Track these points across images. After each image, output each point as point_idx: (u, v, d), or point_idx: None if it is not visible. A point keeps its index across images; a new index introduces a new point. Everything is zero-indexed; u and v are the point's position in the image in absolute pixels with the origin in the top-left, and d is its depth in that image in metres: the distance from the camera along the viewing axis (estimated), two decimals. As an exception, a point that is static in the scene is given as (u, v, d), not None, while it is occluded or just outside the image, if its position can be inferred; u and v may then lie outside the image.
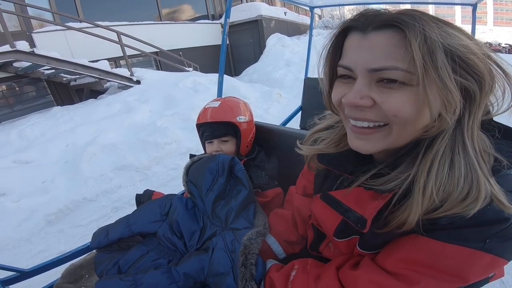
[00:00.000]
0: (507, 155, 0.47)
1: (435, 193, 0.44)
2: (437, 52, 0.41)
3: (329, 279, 0.60)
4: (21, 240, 2.24)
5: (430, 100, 0.43)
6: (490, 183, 0.43)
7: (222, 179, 0.94)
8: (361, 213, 0.56)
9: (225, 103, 1.17)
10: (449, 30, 0.43)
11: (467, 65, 0.43)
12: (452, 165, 0.45)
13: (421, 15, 0.44)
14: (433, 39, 0.41)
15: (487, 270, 0.47)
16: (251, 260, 0.73)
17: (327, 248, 0.75)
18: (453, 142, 0.46)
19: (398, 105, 0.45)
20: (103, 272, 0.88)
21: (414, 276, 0.49)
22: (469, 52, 0.42)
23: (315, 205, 0.72)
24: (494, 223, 0.43)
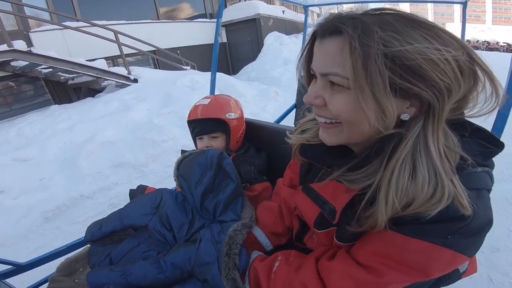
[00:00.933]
0: (473, 153, 0.48)
1: (396, 202, 0.46)
2: (370, 60, 0.42)
3: (308, 269, 0.62)
4: (19, 236, 2.27)
5: (363, 107, 0.45)
6: (454, 184, 0.45)
7: (211, 173, 0.97)
8: (334, 205, 0.59)
9: (215, 100, 1.20)
10: (402, 34, 0.43)
11: (413, 72, 0.43)
12: (414, 172, 0.46)
13: (371, 17, 0.45)
14: (368, 46, 0.42)
15: (448, 266, 0.49)
16: (234, 250, 0.75)
17: (311, 239, 0.78)
18: (415, 147, 0.47)
19: (339, 106, 0.49)
20: (96, 264, 0.91)
21: (382, 268, 0.51)
22: (417, 57, 0.42)
23: (298, 196, 0.75)
24: (455, 220, 0.45)
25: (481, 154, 0.49)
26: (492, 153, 0.50)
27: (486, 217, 0.47)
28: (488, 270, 1.57)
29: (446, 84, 0.43)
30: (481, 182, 0.49)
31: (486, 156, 0.50)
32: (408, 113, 0.48)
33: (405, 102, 0.47)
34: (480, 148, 0.50)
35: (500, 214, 2.00)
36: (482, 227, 0.47)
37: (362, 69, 0.43)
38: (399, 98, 0.46)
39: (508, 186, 2.35)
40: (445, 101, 0.45)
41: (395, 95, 0.45)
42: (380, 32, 0.43)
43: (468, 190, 0.45)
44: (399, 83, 0.43)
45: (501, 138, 0.74)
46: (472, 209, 0.44)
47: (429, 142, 0.46)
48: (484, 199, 0.48)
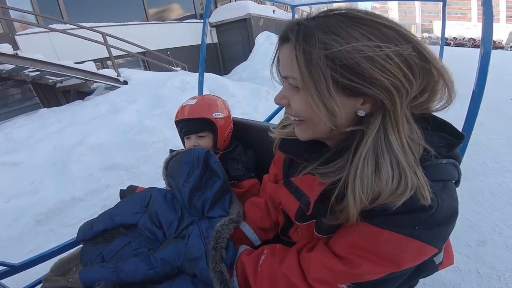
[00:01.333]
0: (436, 145, 0.50)
1: (363, 197, 0.47)
2: (312, 64, 0.46)
3: (290, 261, 0.64)
4: (12, 239, 2.25)
5: (313, 106, 0.49)
6: (417, 175, 0.46)
7: (198, 171, 0.99)
8: (309, 197, 0.61)
9: (202, 100, 1.23)
10: (342, 36, 0.45)
11: (352, 70, 0.45)
12: (377, 168, 0.48)
13: (311, 23, 0.48)
14: (310, 51, 0.46)
15: (417, 257, 0.51)
16: (221, 244, 0.77)
17: (296, 232, 0.80)
18: (376, 143, 0.49)
19: (297, 106, 0.54)
20: (88, 262, 0.93)
21: (356, 260, 0.52)
22: (356, 56, 0.44)
23: (280, 191, 0.77)
24: (421, 211, 0.47)
25: (445, 146, 0.51)
26: (455, 144, 0.52)
27: (451, 207, 0.49)
28: (475, 263, 1.60)
29: (390, 81, 0.45)
30: (446, 173, 0.51)
31: (450, 148, 0.52)
32: (363, 109, 0.50)
33: (357, 100, 0.49)
34: (443, 140, 0.52)
35: (485, 207, 2.05)
36: (447, 218, 0.49)
37: (307, 73, 0.47)
38: (349, 97, 0.49)
39: (493, 179, 2.40)
40: (394, 97, 0.46)
41: (344, 94, 0.48)
42: (321, 35, 0.46)
43: (433, 181, 0.47)
44: (342, 82, 0.46)
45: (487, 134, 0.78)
46: (435, 199, 0.46)
47: (390, 137, 0.48)
48: (449, 190, 0.50)
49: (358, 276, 0.52)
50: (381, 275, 0.52)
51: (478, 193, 2.23)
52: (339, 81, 0.46)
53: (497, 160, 2.71)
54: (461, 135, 0.53)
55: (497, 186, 2.30)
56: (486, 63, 0.81)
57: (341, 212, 0.53)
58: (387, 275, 0.52)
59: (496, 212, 2.00)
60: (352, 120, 0.52)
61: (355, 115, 0.52)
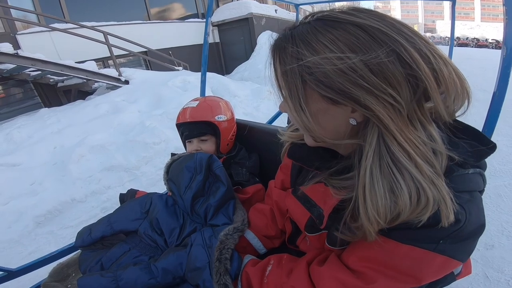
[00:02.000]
0: (463, 154, 0.46)
1: (380, 219, 0.44)
2: (287, 75, 0.46)
3: (299, 273, 0.61)
4: (11, 241, 2.24)
5: (297, 119, 0.49)
6: (437, 188, 0.42)
7: (200, 177, 0.96)
8: (322, 209, 0.58)
9: (204, 102, 1.19)
10: (310, 46, 0.43)
11: (329, 82, 0.42)
12: (391, 187, 0.43)
13: (288, 34, 0.47)
14: (284, 63, 0.46)
15: (441, 271, 0.48)
16: (225, 255, 0.75)
17: (304, 241, 0.77)
18: (381, 158, 0.44)
19: (290, 115, 0.52)
20: (87, 270, 0.90)
21: (372, 274, 0.50)
22: (326, 64, 0.42)
23: (288, 199, 0.74)
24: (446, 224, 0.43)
25: (472, 155, 0.47)
26: (485, 154, 0.48)
27: (478, 221, 0.45)
28: (483, 267, 1.57)
29: (362, 93, 0.41)
30: (472, 184, 0.46)
31: (478, 157, 0.47)
32: (354, 118, 0.46)
33: (345, 108, 0.46)
34: (471, 148, 0.47)
35: (493, 210, 2.02)
36: (474, 232, 0.45)
37: (283, 84, 0.48)
38: (335, 105, 0.45)
39: (500, 181, 2.36)
40: (373, 109, 0.42)
41: (329, 102, 0.45)
42: (294, 46, 0.45)
43: (460, 192, 0.44)
44: (322, 93, 0.44)
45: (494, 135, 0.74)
46: (463, 213, 0.43)
47: (393, 149, 0.43)
48: (476, 202, 0.46)
49: None
50: None
51: (485, 195, 2.15)
52: (317, 91, 0.45)
53: (504, 162, 2.67)
54: (492, 143, 0.48)
55: (504, 189, 2.26)
56: (509, 64, 0.77)
57: (358, 230, 0.49)
58: None
59: (504, 215, 1.97)
60: (348, 130, 0.49)
61: (349, 125, 0.48)
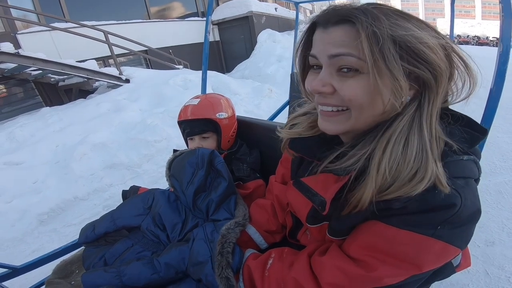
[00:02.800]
0: (458, 140, 0.49)
1: (387, 170, 0.46)
2: (384, 44, 0.45)
3: (301, 265, 0.61)
4: (15, 240, 2.26)
5: (379, 87, 0.47)
6: (437, 166, 0.45)
7: (202, 172, 0.97)
8: (324, 197, 0.58)
9: (205, 100, 1.19)
10: (401, 23, 0.46)
11: (417, 55, 0.46)
12: (406, 144, 0.48)
13: (373, 9, 0.47)
14: (381, 32, 0.45)
15: (440, 258, 0.48)
16: (227, 249, 0.75)
17: (304, 235, 0.78)
18: (411, 124, 0.49)
19: (352, 91, 0.49)
20: (90, 266, 0.91)
21: (373, 262, 0.50)
22: (419, 42, 0.45)
23: (289, 191, 0.74)
24: (443, 209, 0.44)
25: (466, 140, 0.50)
26: (478, 139, 0.51)
27: (474, 206, 0.46)
28: (484, 264, 1.57)
29: (440, 67, 0.47)
30: (467, 170, 0.49)
31: (472, 143, 0.50)
32: (409, 95, 0.50)
33: (407, 85, 0.48)
34: (465, 134, 0.50)
35: (493, 207, 2.02)
36: (471, 217, 0.46)
37: (379, 53, 0.45)
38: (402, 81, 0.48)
39: (501, 178, 2.37)
40: (440, 83, 0.48)
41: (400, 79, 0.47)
42: (386, 20, 0.46)
43: (455, 178, 0.46)
44: (405, 66, 0.46)
45: (493, 131, 0.76)
46: (458, 197, 0.44)
47: (423, 122, 0.48)
48: (471, 188, 0.48)
49: (375, 280, 0.50)
50: (401, 278, 0.50)
51: (485, 192, 2.20)
52: (403, 64, 0.46)
53: (504, 159, 2.67)
54: (483, 129, 0.51)
55: (505, 185, 2.26)
56: (505, 61, 0.78)
57: (353, 197, 0.50)
58: (408, 279, 0.50)
59: (505, 211, 1.97)
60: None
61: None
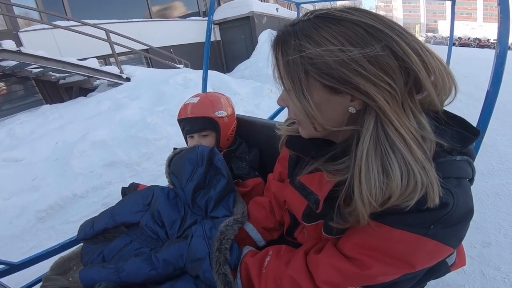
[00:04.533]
0: (450, 140, 0.49)
1: (372, 200, 0.46)
2: (290, 66, 0.49)
3: (297, 262, 0.62)
4: (13, 237, 2.26)
5: (303, 107, 0.51)
6: (427, 173, 0.44)
7: (201, 169, 0.97)
8: (318, 195, 0.59)
9: (205, 98, 1.20)
10: (313, 39, 0.46)
11: (332, 72, 0.45)
12: (385, 168, 0.46)
13: (289, 29, 0.50)
14: (287, 54, 0.49)
15: (433, 257, 0.49)
16: (225, 245, 0.75)
17: (301, 233, 0.78)
18: (377, 141, 0.47)
19: (292, 109, 0.57)
20: (88, 262, 0.91)
21: (367, 260, 0.50)
22: (329, 60, 0.45)
23: (286, 190, 0.75)
24: (435, 208, 0.45)
25: (458, 141, 0.50)
26: (470, 140, 0.51)
27: (466, 206, 0.47)
28: (480, 265, 1.59)
29: (362, 82, 0.45)
30: (460, 170, 0.49)
31: (464, 143, 0.50)
32: (353, 106, 0.49)
33: (344, 97, 0.49)
34: (457, 135, 0.50)
35: (490, 209, 2.04)
36: (463, 216, 0.47)
37: (285, 75, 0.50)
38: (335, 94, 0.49)
39: (498, 180, 2.38)
40: (374, 97, 0.45)
41: (330, 92, 0.49)
42: (296, 40, 0.48)
43: (447, 178, 0.46)
44: (322, 82, 0.47)
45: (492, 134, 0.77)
46: (451, 197, 0.45)
47: (390, 133, 0.46)
48: (464, 188, 0.48)
49: (369, 278, 0.51)
50: (395, 277, 0.50)
51: (483, 194, 2.22)
52: (319, 81, 0.48)
53: (502, 161, 2.68)
54: (477, 130, 0.51)
55: (502, 187, 2.28)
56: (502, 63, 0.79)
57: (350, 215, 0.51)
58: (401, 277, 0.50)
59: (501, 213, 1.98)
60: (346, 118, 0.52)
61: (348, 113, 0.51)
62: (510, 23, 0.80)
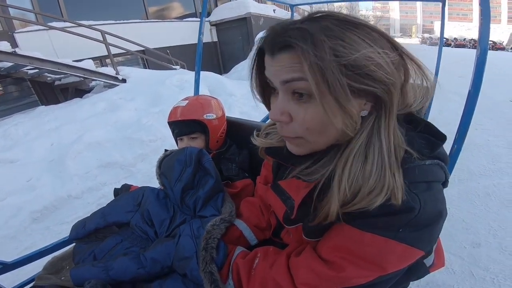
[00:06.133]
0: (418, 147, 0.50)
1: (347, 187, 0.47)
2: (328, 71, 0.43)
3: (280, 265, 0.63)
4: (7, 237, 2.26)
5: (329, 115, 0.46)
6: (395, 178, 0.46)
7: (190, 169, 0.99)
8: (294, 200, 0.61)
9: (195, 101, 1.22)
10: (347, 39, 0.44)
11: (365, 74, 0.45)
12: (365, 160, 0.48)
13: (311, 27, 0.45)
14: (323, 60, 0.43)
15: (403, 260, 0.49)
16: (211, 244, 0.77)
17: (287, 234, 0.79)
18: (370, 139, 0.49)
19: (308, 118, 0.50)
20: (80, 261, 0.93)
21: (341, 263, 0.51)
22: (366, 62, 0.44)
23: (268, 194, 0.76)
24: (402, 212, 0.46)
25: (426, 146, 0.51)
26: (436, 145, 0.52)
27: (434, 209, 0.48)
28: (470, 265, 1.61)
29: (390, 82, 0.46)
30: (430, 174, 0.50)
31: (432, 149, 0.51)
32: (365, 110, 0.50)
33: (362, 100, 0.49)
34: (424, 141, 0.52)
35: (481, 209, 2.06)
36: (431, 220, 0.48)
37: (323, 82, 0.44)
38: (356, 98, 0.48)
39: (489, 181, 2.41)
40: (393, 94, 0.48)
41: (354, 97, 0.46)
42: (327, 41, 0.43)
43: (416, 183, 0.47)
44: (355, 86, 0.45)
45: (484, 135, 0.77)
46: (417, 201, 0.46)
47: (382, 137, 0.48)
48: (433, 191, 0.49)
49: (344, 280, 0.51)
50: (369, 279, 0.51)
51: (474, 194, 2.24)
52: (353, 85, 0.45)
53: (494, 162, 2.72)
54: (443, 136, 0.53)
55: (493, 188, 2.31)
56: (483, 62, 0.80)
57: (322, 209, 0.52)
58: (376, 279, 0.51)
59: (492, 214, 2.01)
60: (359, 121, 0.52)
61: (359, 117, 0.51)
62: (490, 24, 0.81)
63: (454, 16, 47.56)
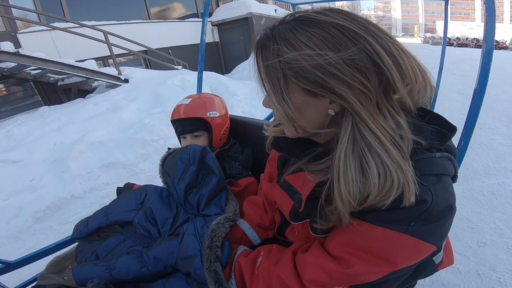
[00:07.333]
0: (428, 137, 0.49)
1: (351, 199, 0.46)
2: (269, 70, 0.49)
3: (285, 262, 0.62)
4: (10, 237, 2.27)
5: (282, 109, 0.52)
6: (403, 172, 0.45)
7: (193, 168, 0.98)
8: (301, 193, 0.60)
9: (198, 99, 1.21)
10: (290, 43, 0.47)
11: (310, 76, 0.46)
12: (362, 168, 0.47)
13: (269, 33, 0.51)
14: (266, 59, 0.50)
15: (415, 255, 0.49)
16: (216, 243, 0.76)
17: (292, 232, 0.79)
18: (355, 142, 0.48)
19: (275, 112, 0.57)
20: (83, 260, 0.92)
21: (350, 259, 0.50)
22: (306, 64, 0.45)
23: (274, 190, 0.76)
24: (414, 205, 0.45)
25: (436, 138, 0.50)
26: (447, 136, 0.51)
27: (446, 202, 0.46)
28: (475, 264, 1.59)
29: (337, 84, 0.45)
30: (440, 167, 0.49)
31: (442, 140, 0.50)
32: (332, 109, 0.50)
33: (323, 100, 0.49)
34: (434, 132, 0.51)
35: (486, 208, 2.04)
36: (443, 213, 0.46)
37: (266, 79, 0.51)
38: (314, 97, 0.49)
39: (494, 180, 2.39)
40: (348, 99, 0.46)
41: (309, 95, 0.49)
42: (275, 44, 0.48)
43: (426, 175, 0.46)
44: (300, 86, 0.48)
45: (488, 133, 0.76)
46: (429, 194, 0.45)
47: (366, 134, 0.47)
48: (444, 185, 0.48)
49: (352, 277, 0.51)
50: (379, 276, 0.50)
51: (479, 193, 2.23)
52: (298, 85, 0.48)
53: (498, 161, 2.70)
54: (453, 127, 0.52)
55: (498, 187, 2.29)
56: (488, 61, 0.79)
57: (332, 214, 0.51)
58: (386, 276, 0.50)
59: (497, 212, 1.99)
60: (328, 120, 0.53)
61: (328, 115, 0.52)
62: (495, 21, 0.80)
63: (457, 16, 47.37)
